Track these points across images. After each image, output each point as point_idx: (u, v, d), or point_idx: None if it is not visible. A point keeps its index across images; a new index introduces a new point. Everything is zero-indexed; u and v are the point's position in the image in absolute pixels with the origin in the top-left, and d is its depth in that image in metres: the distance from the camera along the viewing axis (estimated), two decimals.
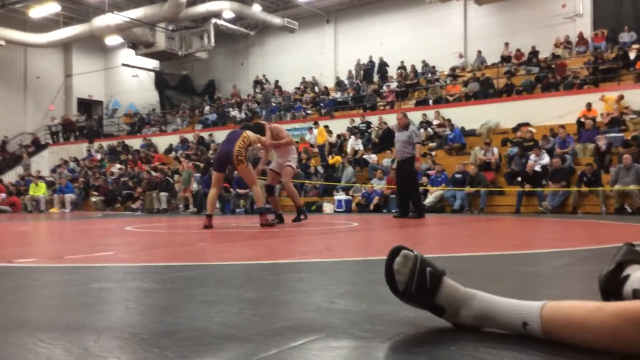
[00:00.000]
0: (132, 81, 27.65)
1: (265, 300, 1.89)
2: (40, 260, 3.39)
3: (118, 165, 20.05)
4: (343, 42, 23.38)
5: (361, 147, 16.07)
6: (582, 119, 13.53)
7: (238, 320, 1.56)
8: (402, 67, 20.53)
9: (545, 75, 16.35)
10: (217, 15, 21.63)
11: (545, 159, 11.93)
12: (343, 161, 15.19)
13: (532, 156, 12.08)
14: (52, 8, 21.87)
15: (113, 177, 18.83)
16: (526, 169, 11.80)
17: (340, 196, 13.78)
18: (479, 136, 15.17)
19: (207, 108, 23.87)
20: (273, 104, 21.91)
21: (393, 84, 19.65)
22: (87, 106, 28.79)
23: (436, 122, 16.22)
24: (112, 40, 23.29)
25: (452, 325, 1.41)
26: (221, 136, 17.25)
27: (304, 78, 23.41)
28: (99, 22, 21.04)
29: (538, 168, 11.73)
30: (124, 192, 17.23)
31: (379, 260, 2.81)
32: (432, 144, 15.40)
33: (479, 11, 20.16)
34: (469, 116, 15.92)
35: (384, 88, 19.62)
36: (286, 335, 1.38)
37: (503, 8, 19.78)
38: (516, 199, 11.53)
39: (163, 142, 22.20)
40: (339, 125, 17.94)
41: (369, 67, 21.72)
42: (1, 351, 1.26)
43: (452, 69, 19.48)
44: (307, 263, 3.08)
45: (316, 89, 22.41)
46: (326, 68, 23.51)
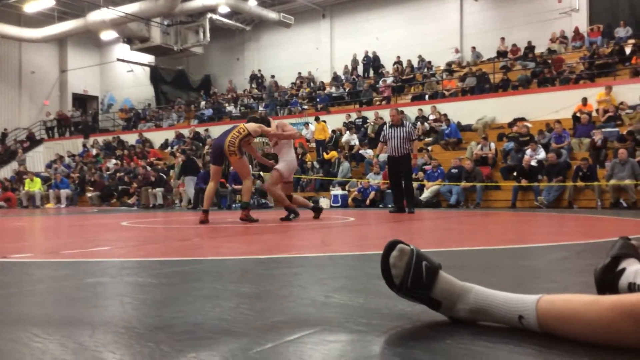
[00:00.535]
0: (128, 76, 27.56)
1: (261, 294, 1.89)
2: (35, 255, 3.38)
3: (114, 160, 20.02)
4: (339, 37, 23.34)
5: (356, 142, 16.08)
6: (578, 114, 13.58)
7: (234, 314, 1.56)
8: (399, 62, 20.53)
9: (541, 70, 16.39)
10: (213, 10, 21.55)
11: (541, 154, 11.95)
12: (339, 156, 15.20)
13: (528, 151, 12.10)
14: (47, 3, 21.81)
15: (109, 173, 18.80)
16: (522, 164, 11.83)
17: (336, 191, 13.78)
18: (475, 131, 15.21)
19: (203, 103, 23.82)
20: (276, 97, 21.82)
21: (389, 79, 19.65)
22: (82, 101, 28.70)
23: (432, 117, 16.24)
24: (107, 35, 23.17)
25: (448, 319, 1.41)
26: (217, 131, 17.29)
27: (300, 73, 23.37)
28: (94, 17, 20.95)
29: (534, 163, 11.76)
30: (120, 188, 17.20)
31: (375, 254, 2.82)
32: (429, 139, 15.43)
33: (475, 6, 20.18)
34: (465, 111, 15.95)
35: (380, 83, 19.62)
36: (282, 329, 1.38)
37: (499, 3, 19.82)
38: (512, 194, 11.55)
39: (159, 138, 22.15)
40: (335, 120, 17.94)
41: (365, 62, 21.70)
42: None
43: (448, 64, 19.49)
44: (303, 257, 3.08)
45: (312, 84, 22.38)
46: (322, 63, 23.47)
